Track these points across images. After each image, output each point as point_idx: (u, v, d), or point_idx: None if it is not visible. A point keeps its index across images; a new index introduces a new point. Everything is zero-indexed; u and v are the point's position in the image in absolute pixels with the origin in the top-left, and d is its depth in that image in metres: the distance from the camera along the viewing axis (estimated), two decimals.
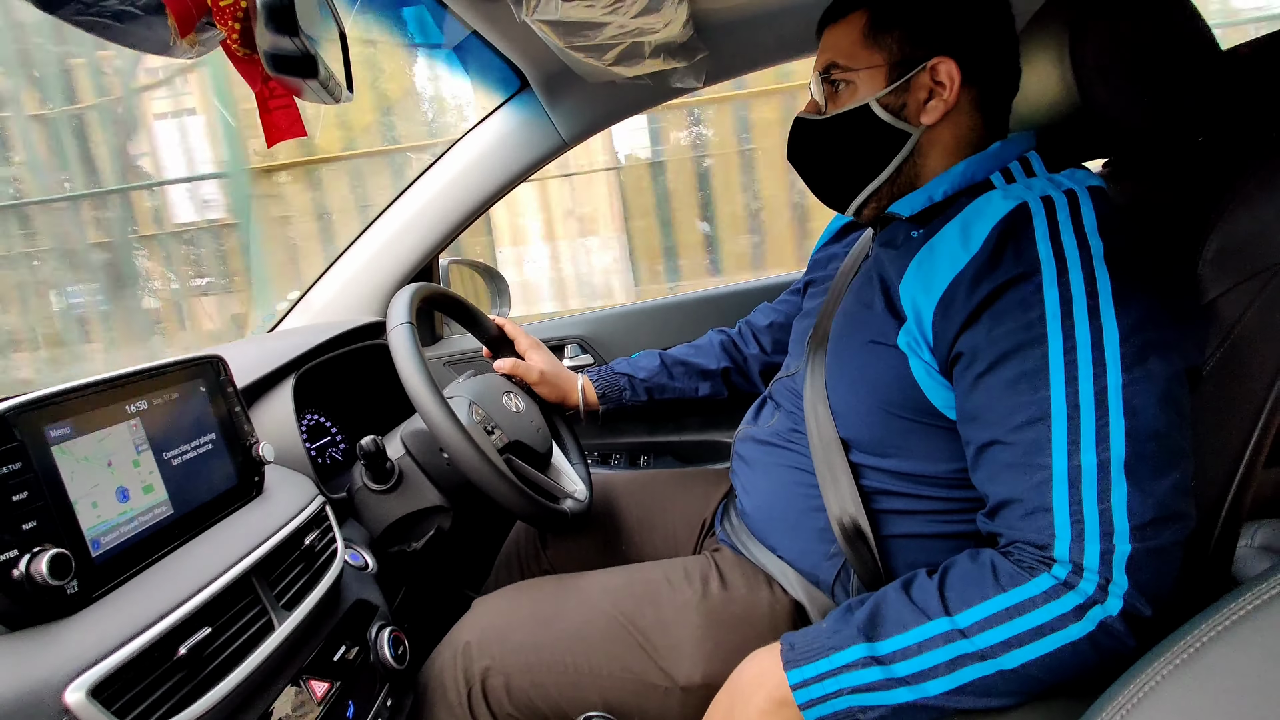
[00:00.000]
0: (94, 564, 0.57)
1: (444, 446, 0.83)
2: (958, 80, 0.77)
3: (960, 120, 0.80)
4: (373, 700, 0.78)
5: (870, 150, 0.82)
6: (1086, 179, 0.71)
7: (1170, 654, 0.45)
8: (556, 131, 1.38)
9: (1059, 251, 0.65)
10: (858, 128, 0.81)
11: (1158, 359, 0.62)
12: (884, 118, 0.79)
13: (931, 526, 0.79)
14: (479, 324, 1.14)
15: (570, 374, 1.17)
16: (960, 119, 0.80)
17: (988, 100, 0.81)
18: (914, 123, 0.80)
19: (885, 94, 0.79)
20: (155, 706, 0.53)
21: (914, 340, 0.74)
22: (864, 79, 0.80)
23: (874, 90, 0.80)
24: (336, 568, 0.77)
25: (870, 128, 0.80)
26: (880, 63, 0.79)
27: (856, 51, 0.81)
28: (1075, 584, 0.59)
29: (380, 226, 1.46)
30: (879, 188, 0.83)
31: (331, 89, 0.67)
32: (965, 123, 0.80)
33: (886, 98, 0.79)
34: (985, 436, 0.67)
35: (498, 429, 0.96)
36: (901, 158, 0.81)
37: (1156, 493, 0.59)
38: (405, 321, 0.90)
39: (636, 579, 0.90)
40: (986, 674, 0.60)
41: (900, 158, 0.81)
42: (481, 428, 0.94)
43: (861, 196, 0.85)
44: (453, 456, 0.83)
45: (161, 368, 0.70)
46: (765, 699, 0.66)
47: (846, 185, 0.85)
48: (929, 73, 0.78)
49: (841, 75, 0.81)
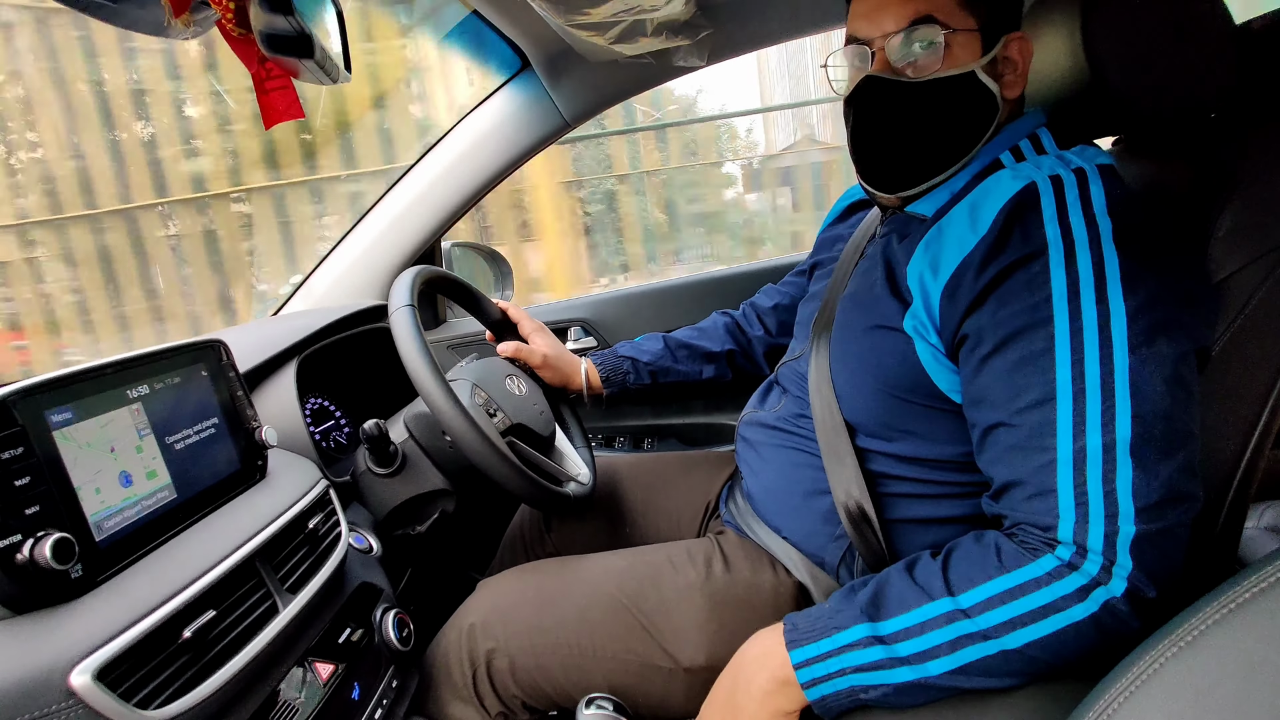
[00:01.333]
0: (98, 548, 0.57)
1: (446, 429, 0.83)
2: (1029, 58, 0.75)
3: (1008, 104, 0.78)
4: (378, 681, 0.78)
5: (965, 122, 0.75)
6: (1096, 157, 0.70)
7: (1174, 636, 0.45)
8: (559, 112, 1.37)
9: (1067, 231, 0.64)
10: (957, 96, 0.74)
11: (1165, 340, 0.61)
12: (990, 87, 0.73)
13: (937, 509, 0.78)
14: (482, 308, 1.14)
15: (574, 358, 1.17)
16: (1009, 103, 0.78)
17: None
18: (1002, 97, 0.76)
19: (986, 61, 0.74)
20: (161, 689, 0.54)
21: (920, 324, 0.73)
22: (961, 42, 0.74)
23: (973, 56, 0.74)
24: (340, 551, 0.78)
25: (971, 97, 0.74)
26: (974, 26, 0.74)
27: (953, 10, 0.73)
28: (1079, 565, 0.59)
29: (382, 210, 1.45)
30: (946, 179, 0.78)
31: (329, 69, 0.66)
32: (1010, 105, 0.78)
33: (989, 66, 0.74)
34: (990, 419, 0.66)
35: (500, 411, 0.96)
36: (989, 134, 0.76)
37: (1162, 474, 0.59)
38: (407, 304, 0.89)
39: (640, 561, 0.90)
40: (988, 654, 0.60)
41: (989, 134, 0.76)
42: (484, 410, 0.94)
43: (941, 176, 0.78)
44: (455, 439, 0.83)
45: (162, 352, 0.70)
46: (768, 679, 0.67)
47: (927, 162, 0.77)
48: (1012, 46, 0.76)
49: (938, 35, 0.72)
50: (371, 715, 0.75)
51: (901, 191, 0.80)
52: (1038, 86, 0.84)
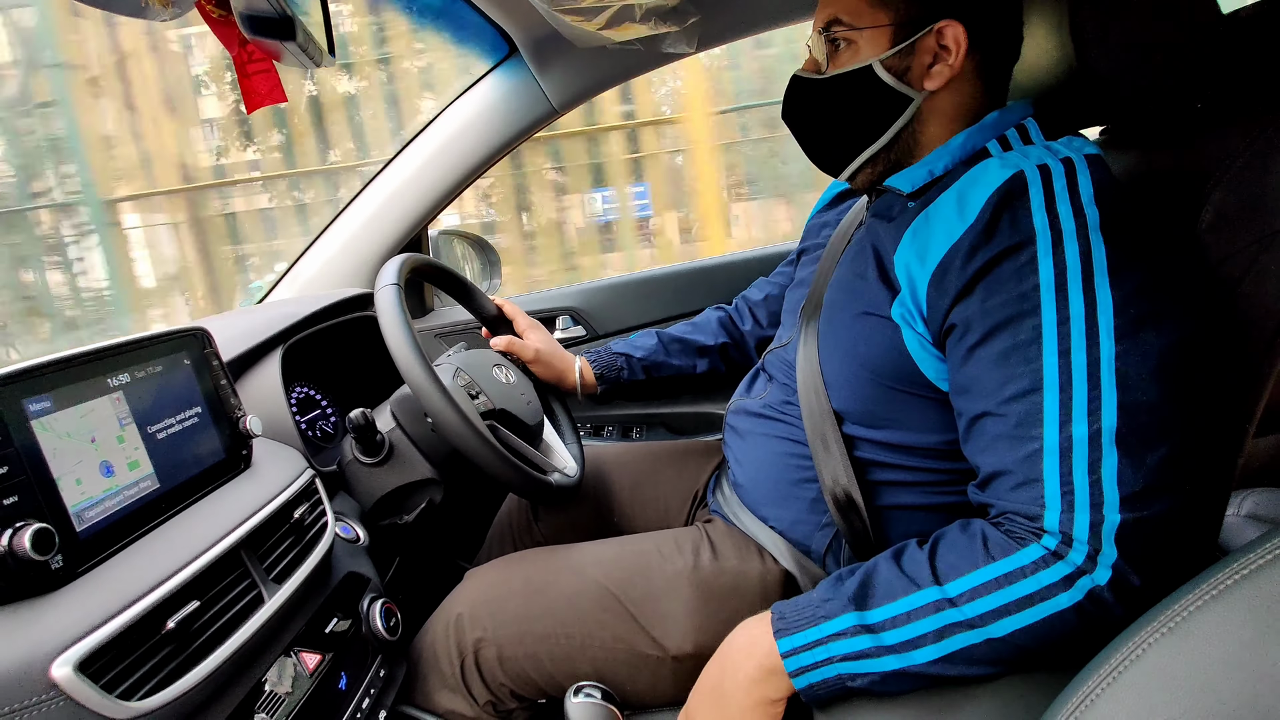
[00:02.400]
0: (79, 539, 0.56)
1: (424, 406, 0.82)
2: (964, 46, 0.75)
3: (962, 88, 0.78)
4: (365, 672, 0.78)
5: (869, 114, 0.80)
6: (1084, 147, 0.70)
7: (1157, 622, 0.45)
8: (546, 99, 1.36)
9: (1054, 221, 0.64)
10: (858, 89, 0.79)
11: (1152, 330, 0.61)
12: (887, 80, 0.77)
13: (924, 498, 0.79)
14: (475, 300, 1.12)
15: (568, 355, 1.16)
16: (962, 86, 0.78)
17: (990, 67, 0.79)
18: (917, 87, 0.77)
19: (889, 55, 0.77)
20: (144, 680, 0.53)
21: (907, 312, 0.73)
22: (867, 38, 0.77)
23: (877, 51, 0.77)
24: (327, 541, 0.77)
25: (871, 90, 0.78)
26: (885, 22, 0.77)
27: (861, 9, 0.77)
28: (1064, 554, 0.59)
29: (368, 197, 1.44)
30: (876, 154, 0.81)
31: (311, 52, 0.65)
32: (967, 90, 0.78)
33: (890, 60, 0.77)
34: (977, 408, 0.67)
35: (483, 394, 0.95)
36: (901, 124, 0.79)
37: (1148, 463, 0.59)
38: (392, 283, 0.88)
39: (628, 550, 0.90)
40: (974, 642, 0.60)
41: (900, 124, 0.79)
42: (465, 391, 0.93)
43: (857, 162, 0.83)
44: (432, 416, 0.81)
45: (143, 340, 0.69)
46: (755, 668, 0.67)
47: (842, 149, 0.83)
48: (935, 36, 0.76)
49: (844, 33, 0.78)
50: (359, 705, 0.75)
51: (838, 172, 0.86)
52: (1024, 76, 0.84)
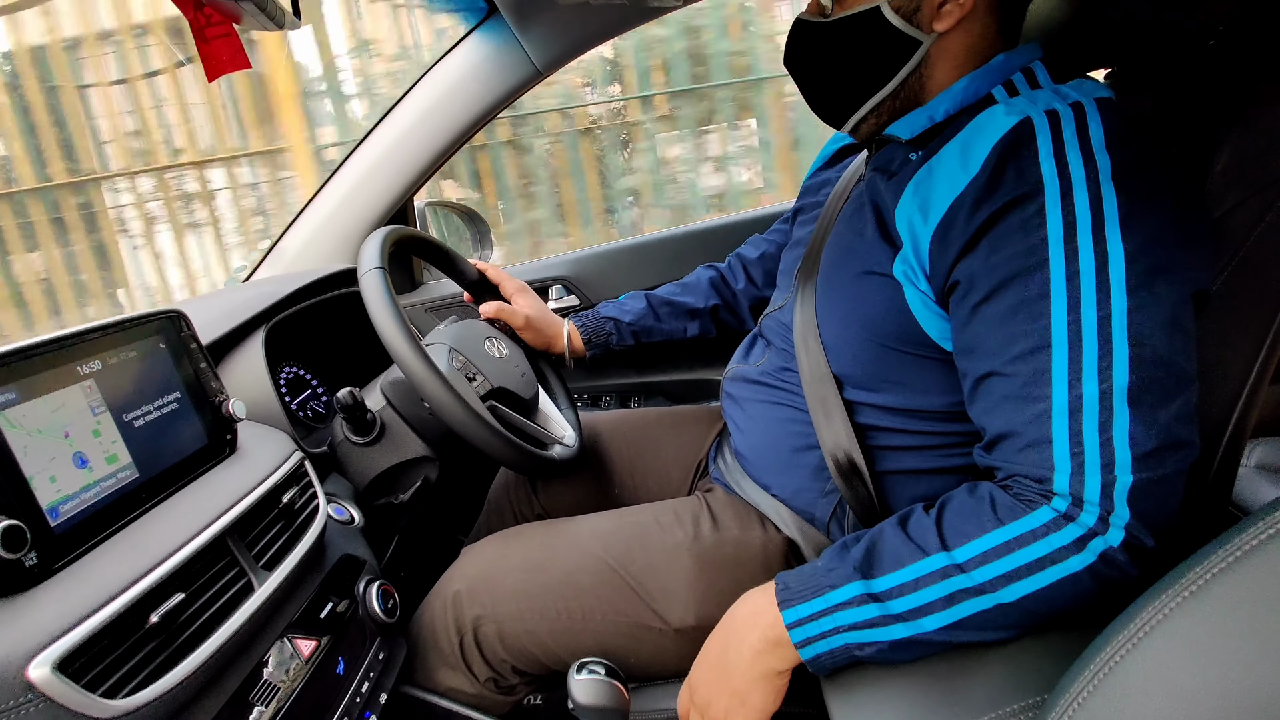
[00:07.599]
0: (53, 534, 0.54)
1: (423, 396, 0.80)
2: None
3: (973, 28, 0.73)
4: (364, 654, 0.77)
5: (876, 59, 0.75)
6: (1095, 90, 0.66)
7: (1178, 587, 0.43)
8: (529, 60, 1.31)
9: (1064, 170, 0.61)
10: (864, 33, 0.74)
11: (1165, 282, 0.59)
12: (895, 22, 0.72)
13: (928, 461, 0.77)
14: (458, 268, 1.10)
15: (556, 319, 1.13)
16: (973, 26, 0.73)
17: (1005, 5, 0.74)
18: (926, 30, 0.72)
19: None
20: (129, 677, 0.51)
21: (910, 269, 0.70)
22: None
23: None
24: (318, 524, 0.75)
25: (878, 34, 0.73)
26: None
27: None
28: (1075, 516, 0.57)
29: (350, 168, 1.39)
30: (881, 102, 0.77)
31: (272, 13, 0.61)
32: (978, 31, 0.74)
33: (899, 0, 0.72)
34: (983, 368, 0.64)
35: (480, 375, 0.93)
36: (909, 69, 0.74)
37: (1160, 421, 0.57)
38: (376, 266, 0.85)
39: (627, 522, 0.89)
40: (984, 608, 0.59)
41: (908, 69, 0.74)
42: (462, 375, 0.91)
43: (862, 111, 0.78)
44: (433, 406, 0.80)
45: (113, 325, 0.66)
46: (759, 639, 0.65)
47: (847, 98, 0.79)
48: None
49: None
50: (358, 689, 0.74)
51: (841, 123, 0.81)
52: (1032, 19, 0.80)
